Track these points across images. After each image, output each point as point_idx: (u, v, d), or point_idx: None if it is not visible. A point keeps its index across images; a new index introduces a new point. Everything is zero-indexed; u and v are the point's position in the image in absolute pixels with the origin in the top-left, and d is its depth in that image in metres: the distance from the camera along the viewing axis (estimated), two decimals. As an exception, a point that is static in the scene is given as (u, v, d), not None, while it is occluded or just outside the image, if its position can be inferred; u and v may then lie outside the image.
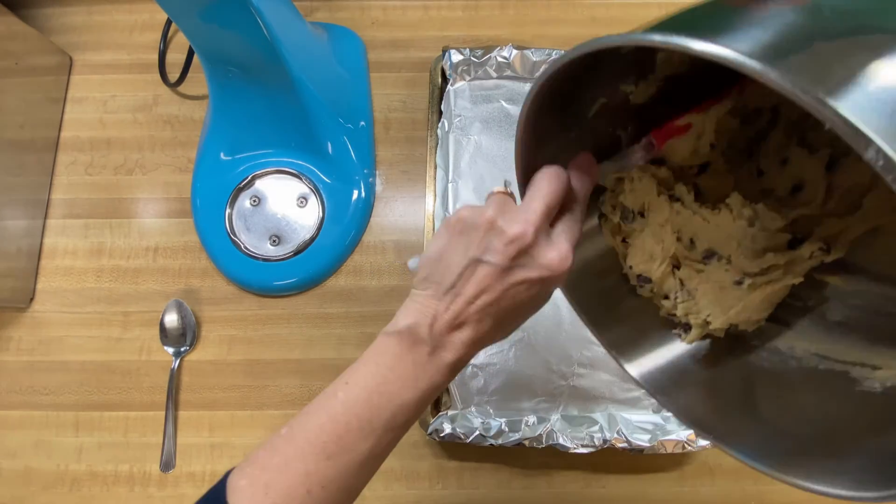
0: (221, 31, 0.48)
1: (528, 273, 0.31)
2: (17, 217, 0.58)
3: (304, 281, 0.58)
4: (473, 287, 0.31)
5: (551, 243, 0.31)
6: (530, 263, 0.31)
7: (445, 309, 0.31)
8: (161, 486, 0.54)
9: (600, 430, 0.52)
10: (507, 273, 0.30)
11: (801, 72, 0.20)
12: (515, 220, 0.30)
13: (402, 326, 0.32)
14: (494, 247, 0.30)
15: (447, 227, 0.33)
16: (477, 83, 0.62)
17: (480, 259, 0.31)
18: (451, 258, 0.32)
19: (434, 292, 0.32)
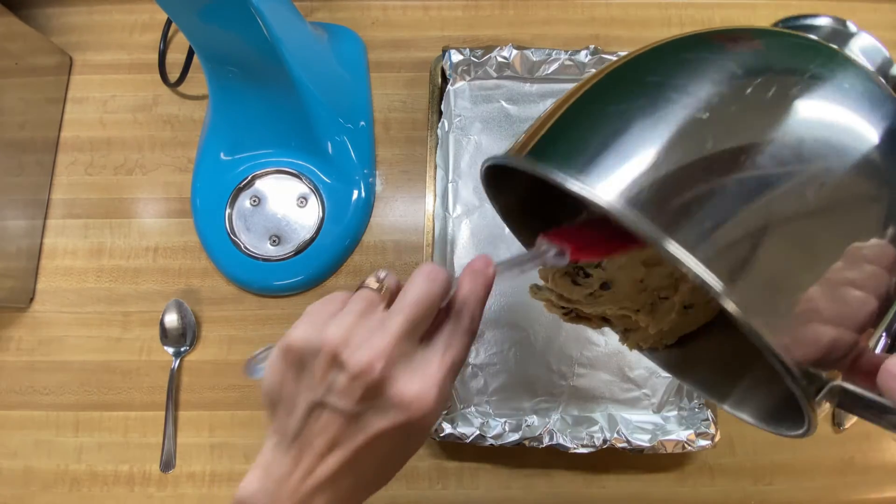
0: (221, 31, 0.48)
1: (381, 421, 0.25)
2: (17, 217, 0.58)
3: (304, 281, 0.58)
4: (322, 439, 0.25)
5: (412, 372, 0.25)
6: (382, 405, 0.25)
7: (292, 466, 0.25)
8: (161, 486, 0.54)
9: (600, 430, 0.52)
10: (356, 420, 0.25)
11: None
12: (363, 347, 0.24)
13: (244, 495, 0.26)
14: (337, 386, 0.24)
15: (281, 355, 0.26)
16: (477, 83, 0.62)
17: (323, 402, 0.25)
18: (291, 396, 0.26)
19: (280, 440, 0.26)
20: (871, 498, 0.54)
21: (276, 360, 0.26)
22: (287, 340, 0.26)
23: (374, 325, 0.25)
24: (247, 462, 0.55)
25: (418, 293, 0.26)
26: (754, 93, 0.25)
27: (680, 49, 0.28)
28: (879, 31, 0.66)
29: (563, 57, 0.60)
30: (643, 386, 0.55)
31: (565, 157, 0.26)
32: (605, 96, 0.28)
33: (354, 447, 0.25)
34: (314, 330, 0.25)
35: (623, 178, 0.24)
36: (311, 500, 0.25)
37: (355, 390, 0.24)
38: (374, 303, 0.27)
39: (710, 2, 0.67)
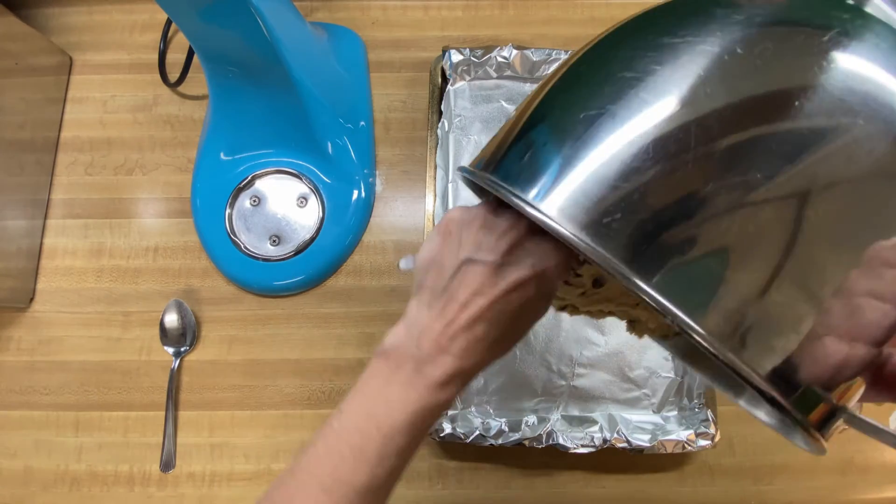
0: (221, 31, 0.48)
1: (522, 271, 0.28)
2: (17, 217, 0.58)
3: (304, 281, 0.58)
4: (466, 290, 0.28)
5: (545, 237, 0.28)
6: (524, 258, 0.28)
7: (436, 317, 0.29)
8: (161, 486, 0.54)
9: (600, 430, 0.52)
10: (500, 271, 0.28)
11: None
12: (508, 213, 0.29)
13: (388, 345, 0.30)
14: (486, 243, 0.29)
15: (438, 229, 0.31)
16: (477, 83, 0.62)
17: (472, 258, 0.29)
18: (443, 260, 0.30)
19: (427, 298, 0.30)
20: (871, 498, 0.54)
21: (435, 233, 0.31)
22: (445, 217, 0.31)
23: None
24: (247, 462, 0.55)
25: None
26: (728, 93, 0.22)
27: (648, 32, 0.25)
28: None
29: (563, 57, 0.60)
30: (643, 386, 0.55)
31: (528, 178, 0.25)
32: (566, 102, 0.26)
33: (494, 295, 0.28)
34: (464, 208, 0.31)
35: (585, 205, 0.22)
36: (449, 344, 0.29)
37: (501, 245, 0.28)
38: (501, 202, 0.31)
39: (710, 2, 0.67)
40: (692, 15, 0.24)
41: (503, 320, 0.29)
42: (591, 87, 0.25)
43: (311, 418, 0.56)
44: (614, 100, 0.23)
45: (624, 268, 0.21)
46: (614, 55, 0.25)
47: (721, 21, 0.23)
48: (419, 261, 0.31)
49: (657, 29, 0.25)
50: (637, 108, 0.22)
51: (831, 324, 0.21)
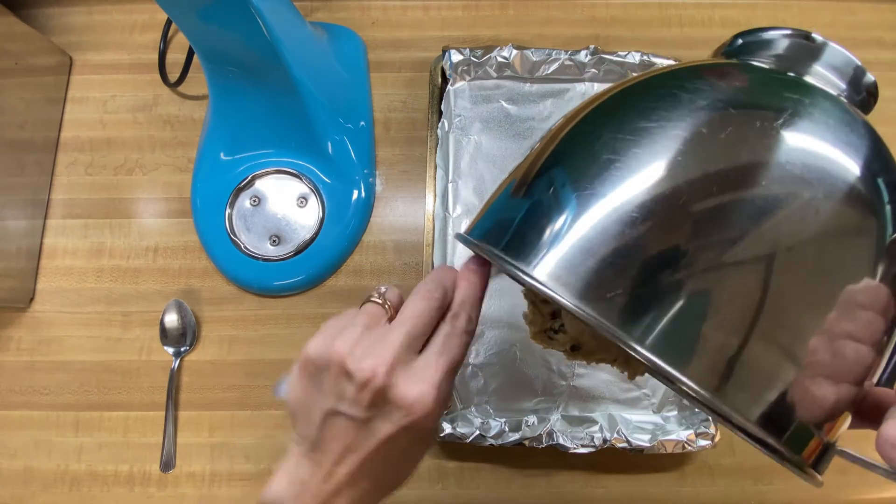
0: (221, 31, 0.48)
1: (388, 425, 0.27)
2: (17, 217, 0.58)
3: (304, 281, 0.58)
4: (337, 445, 0.27)
5: (412, 377, 0.27)
6: (388, 410, 0.26)
7: (314, 471, 0.27)
8: (161, 486, 0.54)
9: (600, 430, 0.52)
10: (367, 424, 0.27)
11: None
12: (367, 357, 0.26)
13: (269, 498, 0.28)
14: (347, 394, 0.27)
15: (299, 367, 0.29)
16: (477, 83, 0.62)
17: (336, 410, 0.27)
18: (309, 406, 0.28)
19: (302, 447, 0.28)
20: (871, 498, 0.54)
21: (296, 373, 0.29)
22: (304, 354, 0.29)
23: (377, 336, 0.28)
24: (247, 462, 0.55)
25: (417, 308, 0.28)
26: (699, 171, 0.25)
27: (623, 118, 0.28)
28: (879, 32, 0.66)
29: (563, 57, 0.60)
30: (643, 386, 0.55)
31: (522, 247, 0.26)
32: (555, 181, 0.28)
33: (367, 450, 0.27)
34: (325, 343, 0.28)
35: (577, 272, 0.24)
36: (332, 500, 0.27)
37: (363, 398, 0.26)
38: (377, 316, 0.29)
39: (709, 1, 0.67)
40: (662, 99, 0.27)
41: (383, 470, 0.28)
42: (580, 168, 0.27)
43: (311, 418, 0.56)
44: (601, 181, 0.26)
45: (620, 332, 0.23)
46: (597, 137, 0.27)
47: (688, 106, 0.26)
48: (289, 401, 0.29)
49: (633, 113, 0.27)
50: (622, 189, 0.25)
51: (818, 367, 0.23)
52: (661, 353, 0.23)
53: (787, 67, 0.28)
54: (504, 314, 0.56)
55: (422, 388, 0.26)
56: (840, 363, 0.23)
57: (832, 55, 0.28)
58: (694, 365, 0.23)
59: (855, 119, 0.27)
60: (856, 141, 0.26)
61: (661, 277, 0.23)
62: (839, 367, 0.23)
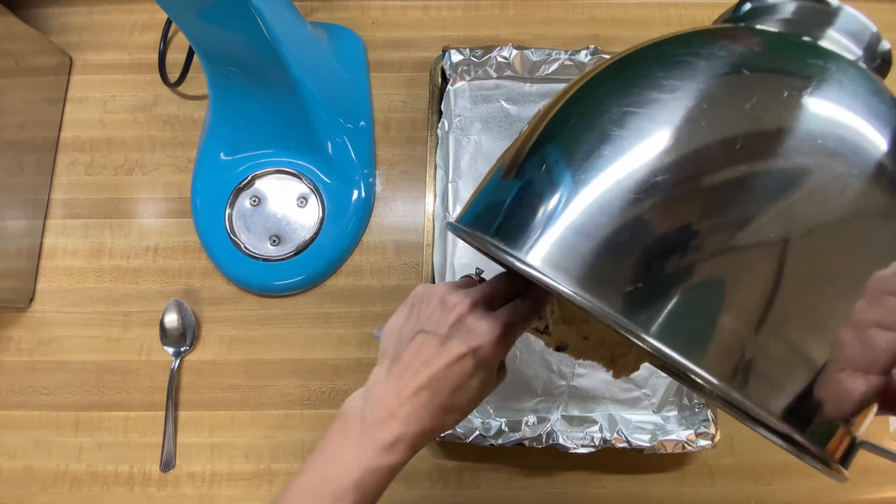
0: (221, 31, 0.48)
1: (461, 345, 0.32)
2: (17, 217, 0.58)
3: (304, 281, 0.58)
4: (418, 359, 0.32)
5: (485, 316, 0.33)
6: (464, 333, 0.32)
7: (390, 383, 0.32)
8: (161, 486, 0.54)
9: (600, 430, 0.52)
10: (445, 342, 0.32)
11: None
12: (457, 295, 0.33)
13: (346, 408, 0.33)
14: (437, 317, 0.33)
15: (405, 303, 0.36)
16: (477, 83, 0.62)
17: (424, 329, 0.33)
18: (403, 330, 0.34)
19: (386, 364, 0.34)
20: (871, 498, 0.54)
21: (400, 309, 0.36)
22: (411, 293, 0.36)
23: (470, 290, 0.35)
24: (247, 462, 0.55)
25: (494, 282, 0.35)
26: (717, 142, 0.23)
27: (629, 81, 0.26)
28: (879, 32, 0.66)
29: (563, 57, 0.60)
30: (643, 386, 0.55)
31: (514, 232, 0.24)
32: (554, 157, 0.26)
33: (439, 365, 0.32)
34: (430, 286, 0.36)
35: (574, 256, 0.22)
36: (397, 410, 0.32)
37: (448, 319, 0.33)
38: (469, 283, 0.37)
39: (709, 1, 0.67)
40: (674, 67, 0.24)
41: (445, 390, 0.32)
42: (578, 143, 0.25)
43: (311, 418, 0.56)
44: (604, 156, 0.23)
45: (626, 321, 0.21)
46: (598, 111, 0.25)
47: (705, 74, 0.24)
48: (385, 330, 0.36)
49: (643, 83, 0.25)
50: (628, 164, 0.23)
51: (845, 358, 0.21)
52: (672, 342, 0.21)
53: (800, 33, 0.26)
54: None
55: (492, 322, 0.32)
56: (869, 353, 0.21)
57: (847, 20, 0.26)
58: (708, 354, 0.21)
59: (882, 89, 0.25)
60: (885, 112, 0.23)
61: (671, 259, 0.21)
62: (868, 358, 0.22)
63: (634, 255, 0.22)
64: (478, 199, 0.30)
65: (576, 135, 0.25)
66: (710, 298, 0.21)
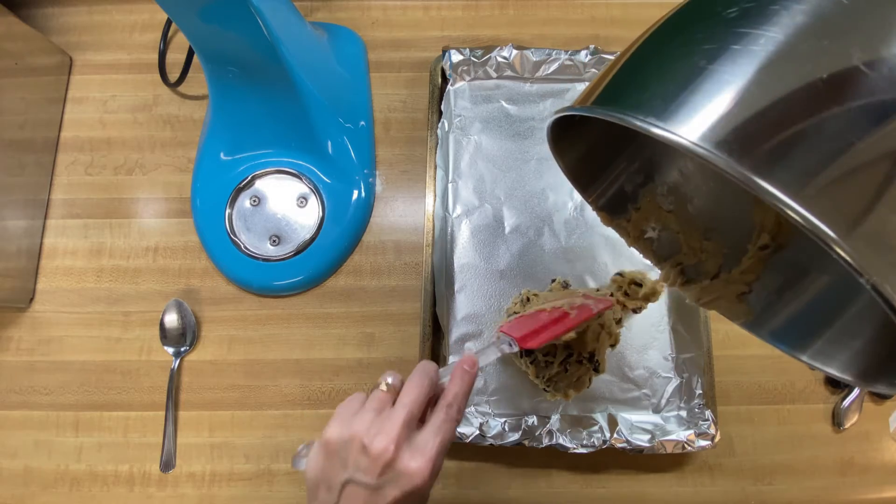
0: (221, 31, 0.48)
1: (394, 490, 0.32)
2: (17, 217, 0.58)
3: (304, 281, 0.58)
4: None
5: (413, 452, 0.33)
6: (395, 478, 0.33)
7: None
8: (161, 486, 0.54)
9: (600, 430, 0.52)
10: (378, 491, 0.32)
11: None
12: (379, 434, 0.33)
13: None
14: (362, 466, 0.33)
15: (321, 447, 0.35)
16: (477, 83, 0.62)
17: (353, 479, 0.33)
18: (330, 478, 0.34)
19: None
20: (871, 498, 0.54)
21: (317, 452, 0.35)
22: (325, 437, 0.35)
23: (385, 417, 0.34)
24: (247, 462, 0.55)
25: (412, 395, 0.35)
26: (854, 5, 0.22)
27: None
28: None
29: (563, 57, 0.60)
30: (643, 386, 0.55)
31: (641, 101, 0.24)
32: (679, 33, 0.25)
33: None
34: (344, 426, 0.34)
35: (707, 119, 0.22)
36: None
37: (376, 468, 0.32)
38: (384, 401, 0.35)
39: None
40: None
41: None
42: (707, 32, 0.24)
43: (311, 418, 0.56)
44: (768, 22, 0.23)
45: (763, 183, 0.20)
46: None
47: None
48: (309, 476, 0.35)
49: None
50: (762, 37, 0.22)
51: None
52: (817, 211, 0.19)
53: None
54: (503, 315, 0.56)
55: (421, 462, 0.33)
56: None
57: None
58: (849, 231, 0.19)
59: None
60: None
61: (821, 130, 0.20)
62: None
63: (781, 125, 0.21)
64: (610, 82, 0.28)
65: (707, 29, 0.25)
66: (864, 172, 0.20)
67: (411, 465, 0.32)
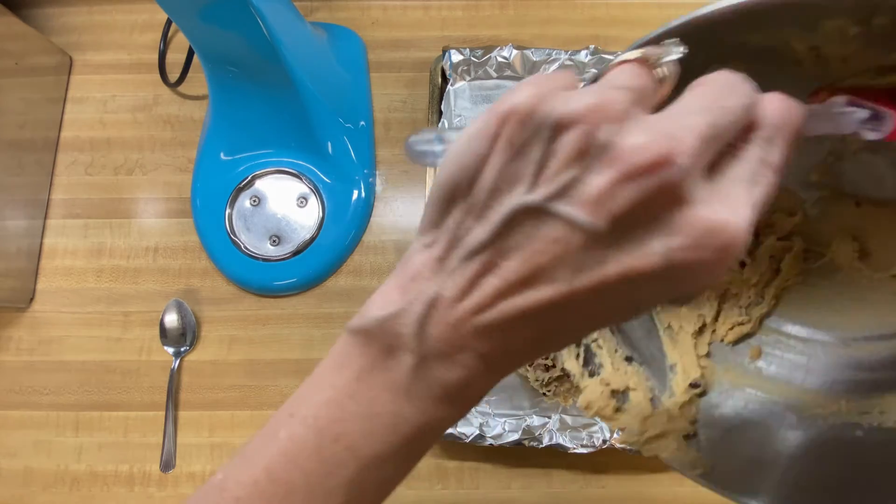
0: (221, 31, 0.48)
1: (647, 256, 0.16)
2: (17, 217, 0.58)
3: (304, 281, 0.58)
4: (523, 263, 0.16)
5: (715, 191, 0.16)
6: (662, 228, 0.15)
7: (464, 284, 0.17)
8: (161, 486, 0.54)
9: (600, 430, 0.52)
10: (604, 246, 0.16)
11: None
12: (649, 127, 0.15)
13: (369, 319, 0.19)
14: (590, 185, 0.15)
15: (497, 120, 0.17)
16: (477, 83, 0.62)
17: (547, 208, 0.16)
18: (491, 188, 0.17)
19: (441, 251, 0.18)
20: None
21: (483, 127, 0.17)
22: (511, 101, 0.17)
23: (661, 114, 0.17)
24: (247, 462, 0.55)
25: (724, 94, 0.17)
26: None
27: None
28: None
29: (563, 57, 0.60)
30: (643, 386, 0.55)
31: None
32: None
33: (584, 283, 0.16)
34: (550, 86, 0.16)
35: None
36: (476, 333, 0.17)
37: (625, 194, 0.15)
38: (642, 81, 0.17)
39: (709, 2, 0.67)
40: None
41: (573, 321, 0.17)
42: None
43: (311, 418, 0.56)
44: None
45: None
46: None
47: None
48: (451, 165, 0.18)
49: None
50: None
51: None
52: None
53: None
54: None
55: (731, 213, 0.15)
56: None
57: None
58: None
59: None
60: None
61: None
62: None
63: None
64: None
65: None
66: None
67: (713, 212, 0.15)
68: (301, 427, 0.20)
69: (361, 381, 0.19)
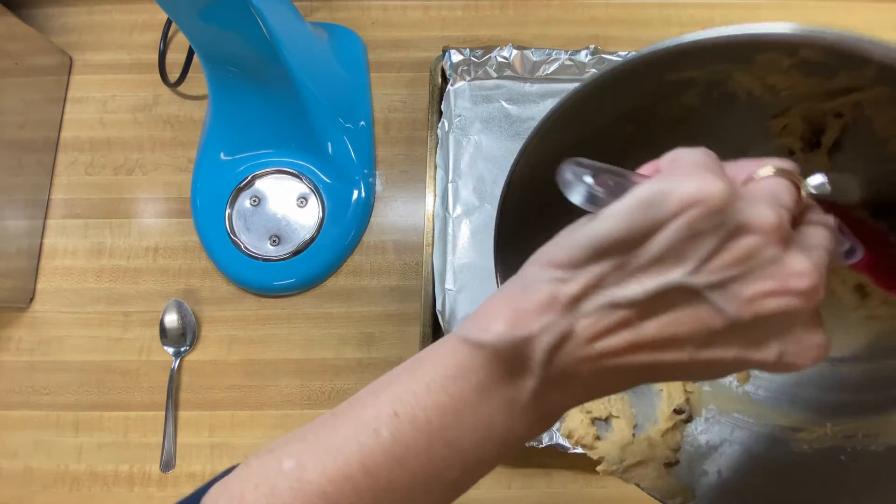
0: (221, 31, 0.48)
1: (780, 346, 0.19)
2: (17, 217, 0.58)
3: (304, 281, 0.58)
4: (662, 328, 0.19)
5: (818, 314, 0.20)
6: (790, 332, 0.19)
7: (594, 331, 0.19)
8: (161, 486, 0.54)
9: (600, 430, 0.52)
10: (734, 334, 0.19)
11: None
12: (807, 257, 0.19)
13: (501, 336, 0.20)
14: (749, 287, 0.18)
15: (676, 198, 0.18)
16: (477, 83, 0.62)
17: (703, 293, 0.19)
18: (657, 256, 0.19)
19: (579, 291, 0.20)
20: (871, 498, 0.54)
21: (662, 200, 0.18)
22: (701, 190, 0.18)
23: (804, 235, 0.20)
24: (247, 462, 0.55)
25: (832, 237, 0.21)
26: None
27: None
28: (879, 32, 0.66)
29: (563, 57, 0.60)
30: (643, 386, 0.55)
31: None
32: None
33: (696, 359, 0.19)
34: (737, 197, 0.19)
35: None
36: (585, 376, 0.20)
37: (774, 303, 0.18)
38: (795, 211, 0.20)
39: (710, 2, 0.67)
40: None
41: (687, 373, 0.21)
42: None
43: (311, 418, 0.55)
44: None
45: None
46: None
47: None
48: (619, 224, 0.19)
49: None
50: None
51: None
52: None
53: None
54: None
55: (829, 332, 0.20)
56: None
57: None
58: None
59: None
60: None
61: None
62: None
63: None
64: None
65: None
66: None
67: (825, 335, 0.20)
68: (410, 428, 0.20)
69: (482, 395, 0.20)
